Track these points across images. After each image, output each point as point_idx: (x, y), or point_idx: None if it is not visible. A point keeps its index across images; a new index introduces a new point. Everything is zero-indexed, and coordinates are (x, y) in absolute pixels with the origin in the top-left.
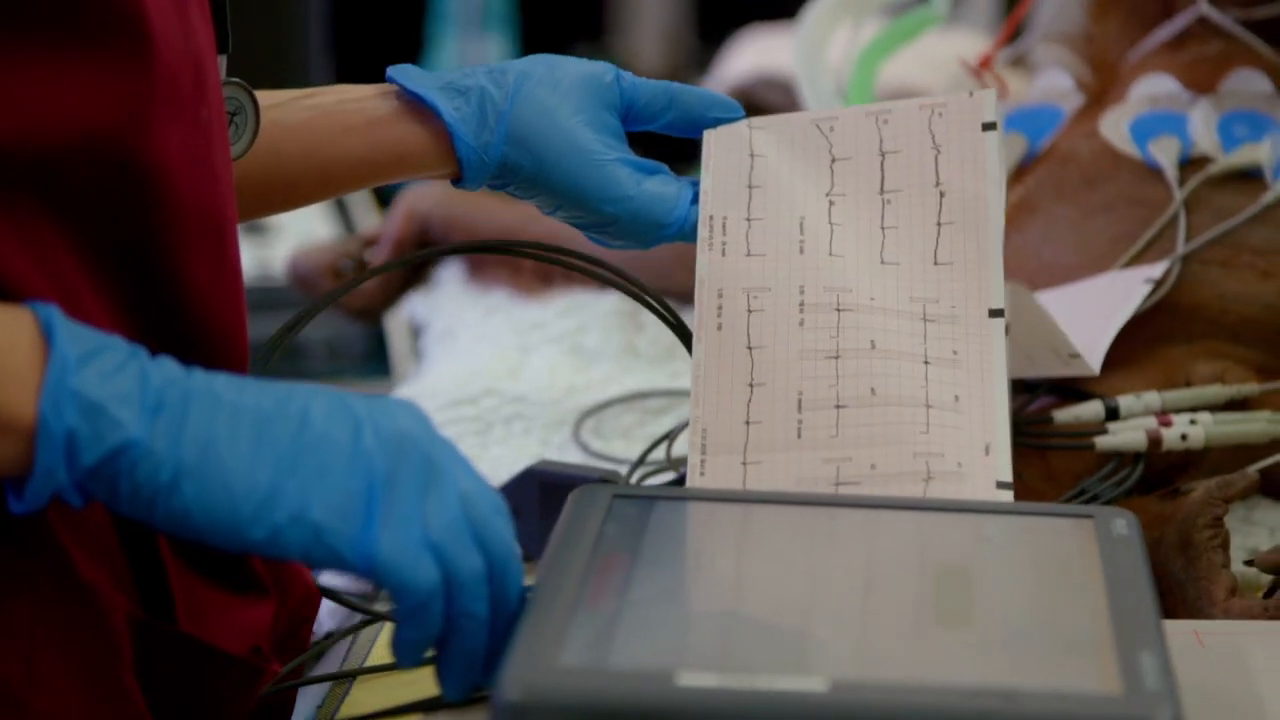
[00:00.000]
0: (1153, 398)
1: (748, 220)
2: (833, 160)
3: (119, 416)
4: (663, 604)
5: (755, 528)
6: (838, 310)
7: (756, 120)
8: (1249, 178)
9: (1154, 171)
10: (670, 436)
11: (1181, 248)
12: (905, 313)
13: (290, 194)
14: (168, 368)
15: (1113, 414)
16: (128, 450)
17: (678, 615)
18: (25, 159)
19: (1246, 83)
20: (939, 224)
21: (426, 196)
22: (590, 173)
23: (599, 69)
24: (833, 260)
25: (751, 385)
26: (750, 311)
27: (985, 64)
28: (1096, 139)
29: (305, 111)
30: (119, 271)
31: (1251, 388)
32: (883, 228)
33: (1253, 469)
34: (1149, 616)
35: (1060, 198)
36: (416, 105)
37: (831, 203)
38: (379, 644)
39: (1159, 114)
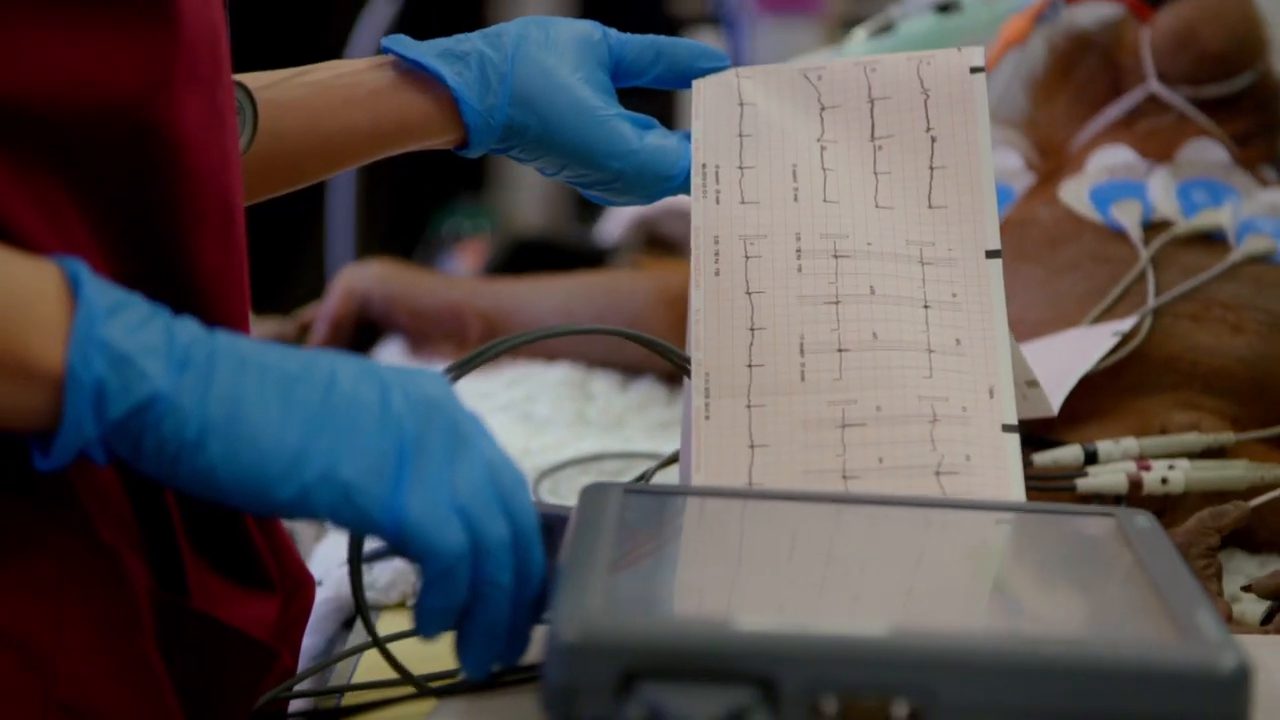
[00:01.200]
0: (1131, 443)
1: (740, 168)
2: (822, 108)
3: (146, 368)
4: (704, 566)
5: (783, 516)
6: (835, 256)
7: (744, 70)
8: (1212, 240)
9: (1117, 233)
10: (645, 476)
11: (1152, 301)
12: (902, 256)
13: (295, 172)
14: (191, 326)
15: (1091, 458)
16: (155, 404)
17: (723, 574)
18: (43, 123)
19: (1203, 152)
20: (931, 168)
21: (365, 276)
22: (595, 129)
23: (587, 27)
24: (828, 206)
25: (752, 329)
26: (748, 258)
27: None
28: (1057, 205)
29: (302, 89)
30: (130, 244)
31: (1228, 437)
32: (875, 173)
33: (1249, 503)
34: (1193, 586)
35: (1024, 258)
36: (416, 74)
37: (823, 148)
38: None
39: (1118, 182)
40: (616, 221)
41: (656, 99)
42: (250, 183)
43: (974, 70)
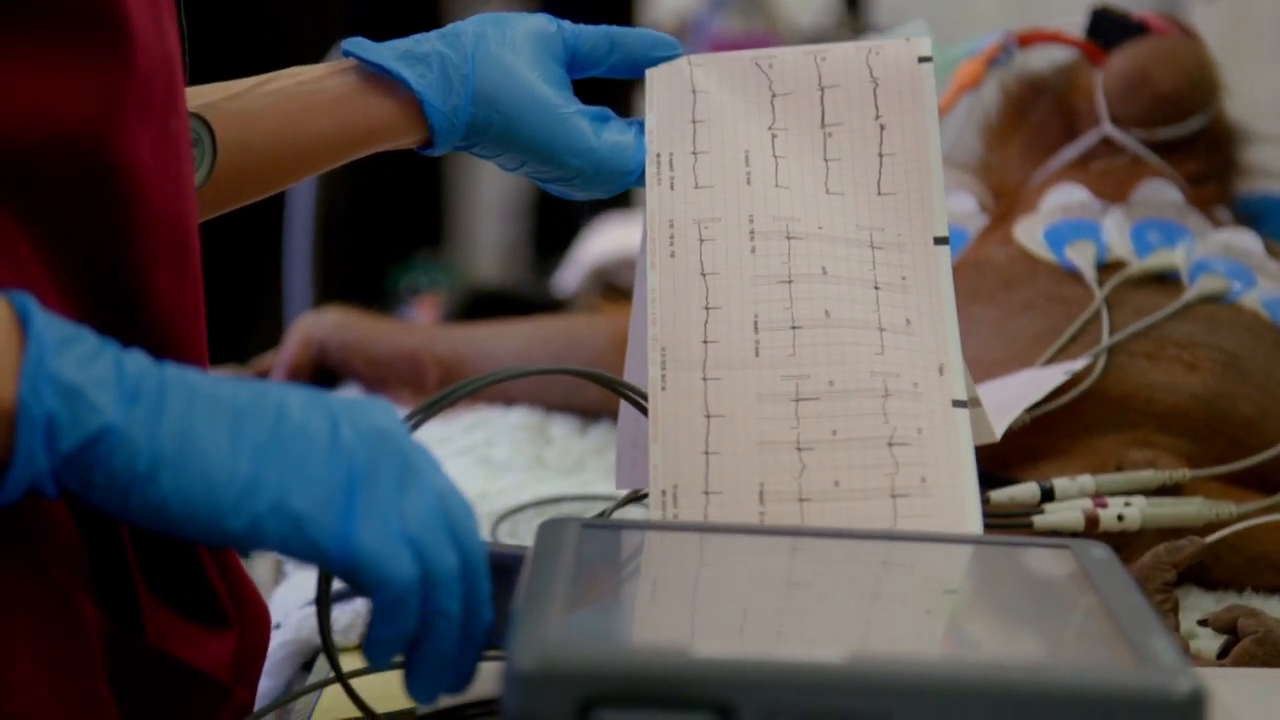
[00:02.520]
0: (1087, 481)
1: (693, 154)
2: (773, 95)
3: (97, 401)
4: (662, 598)
5: (740, 550)
6: (788, 238)
7: (696, 57)
8: (1165, 280)
9: (1071, 274)
10: (605, 514)
11: (1107, 340)
12: (853, 240)
13: (264, 181)
14: (141, 359)
15: (1048, 496)
16: (106, 436)
17: (681, 605)
18: None
19: (1157, 192)
20: (880, 156)
21: (322, 323)
22: (555, 127)
23: (542, 21)
24: (779, 191)
25: (708, 308)
26: (702, 241)
27: None
28: (1012, 245)
29: (267, 98)
30: (84, 275)
31: (1184, 473)
32: (826, 160)
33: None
34: (1149, 614)
35: (979, 299)
36: (379, 77)
37: (774, 136)
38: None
39: (1072, 222)
40: (574, 272)
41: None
42: (220, 194)
43: (922, 59)
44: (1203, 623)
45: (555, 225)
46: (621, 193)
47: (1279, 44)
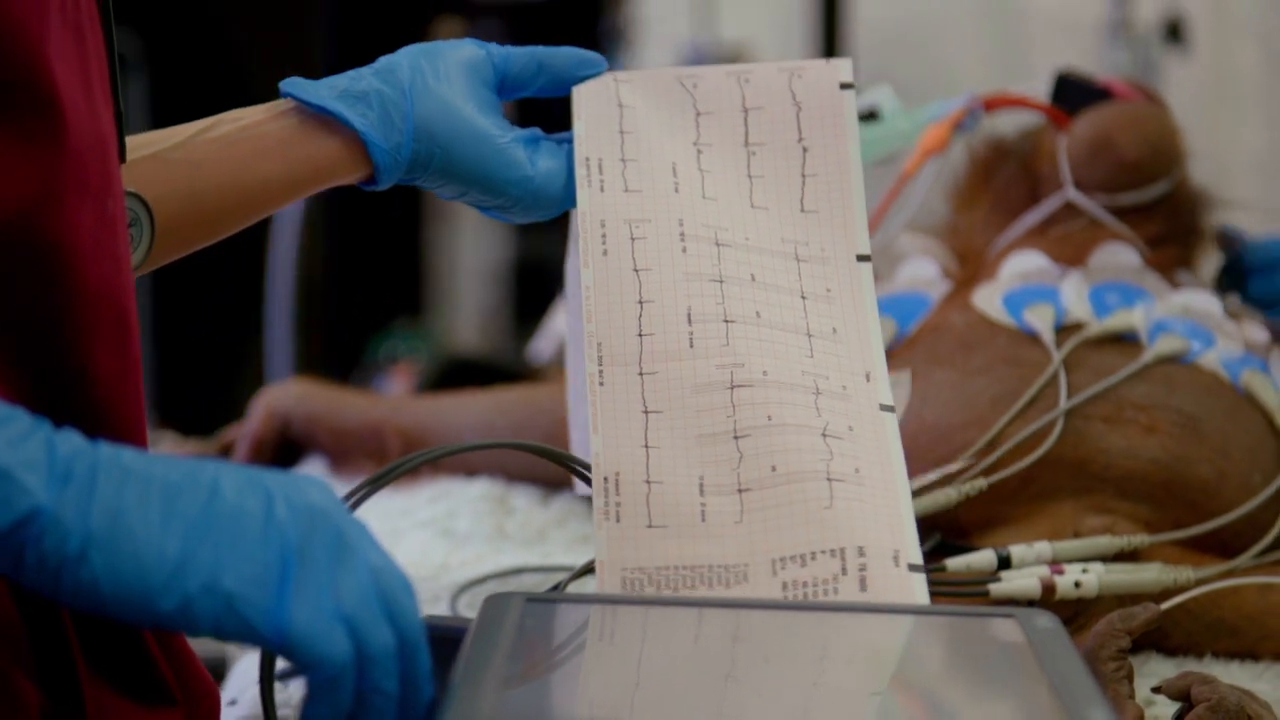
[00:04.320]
0: (1044, 547)
1: (622, 161)
2: (697, 113)
3: (26, 483)
4: (601, 678)
5: (685, 624)
6: (717, 244)
7: (622, 74)
8: (1124, 341)
9: (1030, 337)
10: (560, 586)
11: (1064, 403)
12: (779, 252)
13: (214, 227)
14: (73, 439)
15: (1005, 563)
16: (36, 518)
17: (619, 684)
18: None
19: (1115, 256)
20: (803, 176)
21: (286, 395)
22: (494, 159)
23: (472, 49)
24: (707, 202)
25: (641, 303)
26: (633, 239)
27: None
28: (971, 311)
29: (213, 145)
30: (22, 354)
31: (1141, 539)
32: (749, 176)
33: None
34: (1090, 686)
35: (937, 363)
36: (320, 117)
37: (699, 151)
38: None
39: (1031, 287)
40: (546, 340)
41: None
42: (170, 242)
43: (844, 86)
44: (1156, 690)
45: (535, 293)
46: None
47: (1258, 102)
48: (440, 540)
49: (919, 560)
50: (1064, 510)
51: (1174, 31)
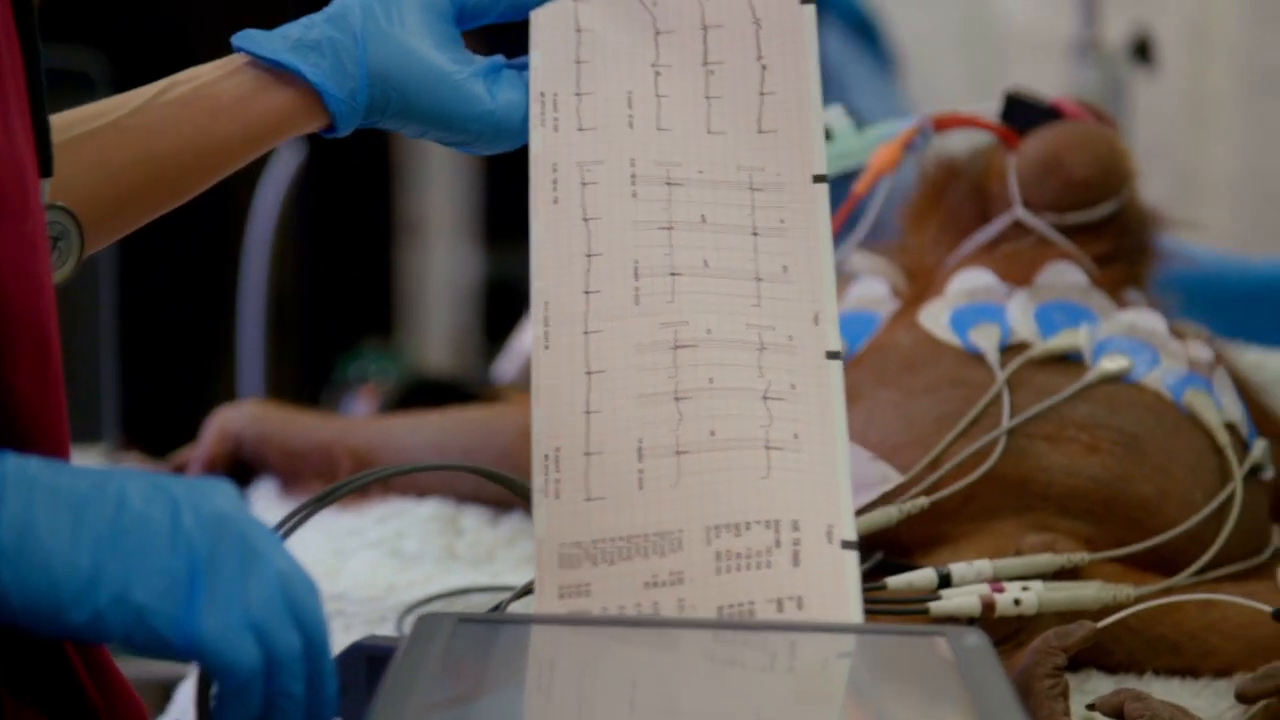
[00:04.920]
0: (984, 565)
1: (577, 95)
2: (656, 33)
3: None
4: (526, 701)
5: (616, 644)
6: (668, 184)
7: None
8: (1068, 360)
9: (975, 356)
10: (500, 607)
11: (1006, 423)
12: (733, 183)
13: (175, 192)
14: None
15: (945, 581)
16: None
17: (544, 710)
18: None
19: (1061, 275)
20: (761, 94)
21: (238, 416)
22: (452, 95)
23: None
24: (661, 134)
25: (589, 255)
26: (584, 184)
27: None
28: (917, 330)
29: (168, 109)
30: None
31: (1081, 556)
32: (708, 97)
33: (1096, 624)
34: (1013, 706)
35: (883, 383)
36: (274, 71)
37: (658, 73)
38: None
39: (977, 306)
40: (511, 360)
41: None
42: (134, 211)
43: (804, 1)
44: (1091, 707)
45: (505, 313)
46: None
47: (1231, 121)
48: (389, 560)
49: (852, 536)
50: (1006, 528)
51: (1142, 50)
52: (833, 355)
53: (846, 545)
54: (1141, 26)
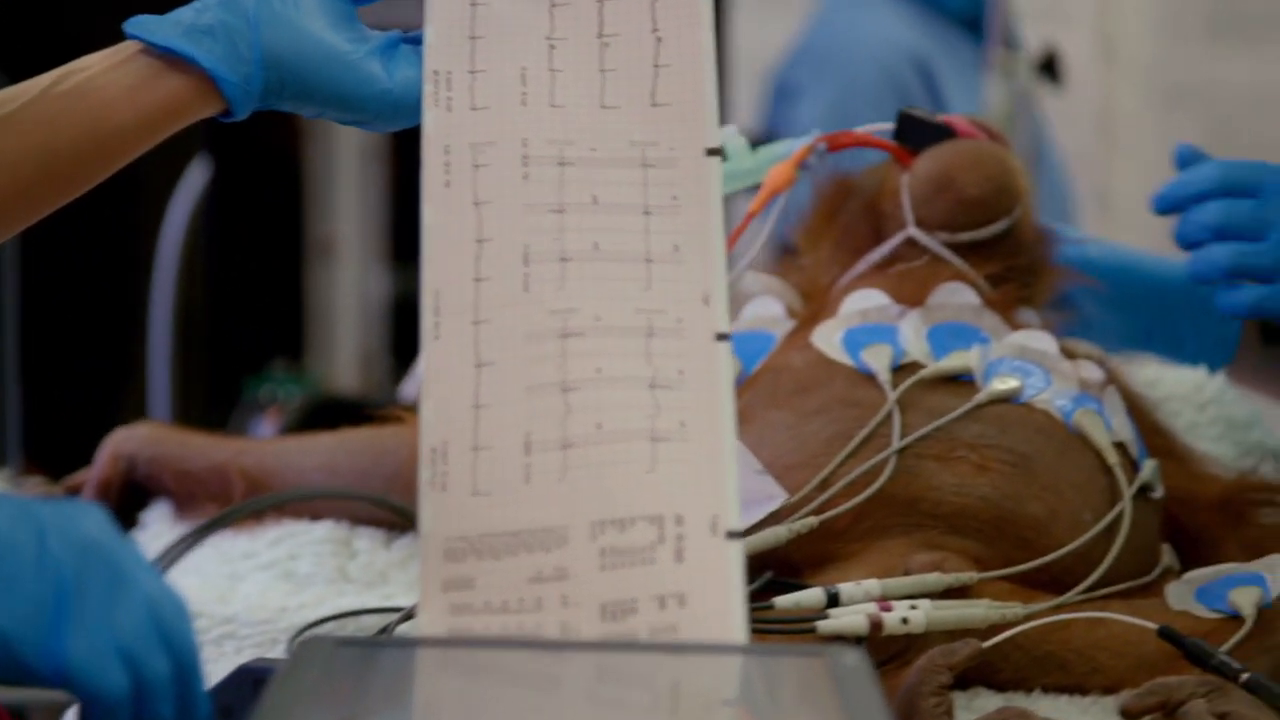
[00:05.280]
0: (873, 585)
1: (471, 73)
2: (552, 5)
3: None
4: None
5: (496, 668)
6: (560, 165)
7: None
8: (959, 381)
9: (867, 377)
10: (388, 629)
11: (896, 443)
12: (626, 160)
13: (73, 183)
14: None
15: (833, 601)
16: None
17: None
18: None
19: (953, 295)
20: (656, 66)
21: (131, 438)
22: (348, 76)
23: None
24: (554, 111)
25: (480, 241)
26: (476, 167)
27: None
28: (810, 351)
29: (62, 101)
30: None
31: (970, 576)
32: (602, 70)
33: (982, 642)
34: None
35: (775, 404)
36: (167, 58)
37: (552, 46)
38: None
39: (870, 326)
40: (417, 381)
41: None
42: (32, 203)
43: None
44: None
45: (413, 333)
46: None
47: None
48: (282, 583)
49: (737, 526)
50: (895, 547)
51: (1049, 67)
52: (721, 337)
53: (731, 535)
54: (1049, 43)
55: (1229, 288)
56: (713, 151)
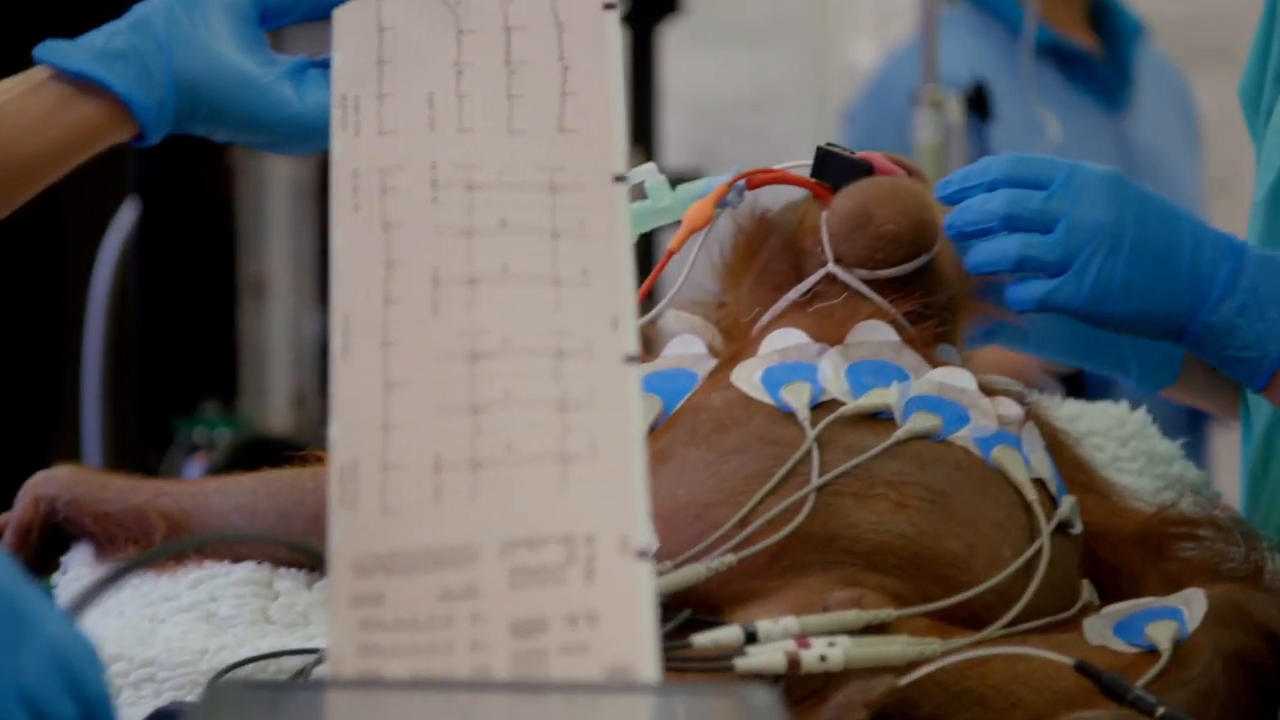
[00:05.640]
0: (790, 622)
1: (379, 97)
2: (459, 32)
3: None
4: None
5: (393, 716)
6: (469, 189)
7: None
8: (879, 418)
9: (786, 415)
10: (304, 672)
11: (815, 480)
12: (533, 184)
13: None
14: None
15: (752, 638)
16: None
17: None
18: None
19: (872, 333)
20: (563, 93)
21: (52, 481)
22: (260, 100)
23: None
24: (462, 135)
25: (389, 264)
26: (385, 191)
27: None
28: (730, 389)
29: None
30: None
31: (888, 613)
32: (509, 96)
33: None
34: None
35: (694, 443)
36: (79, 83)
37: (460, 72)
38: None
39: (789, 364)
40: None
41: None
42: None
43: (607, 6)
44: None
45: None
46: None
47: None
48: (201, 625)
49: (646, 544)
50: (814, 585)
51: (978, 102)
52: (630, 359)
53: (641, 555)
54: (978, 77)
55: (1017, 281)
56: (620, 178)
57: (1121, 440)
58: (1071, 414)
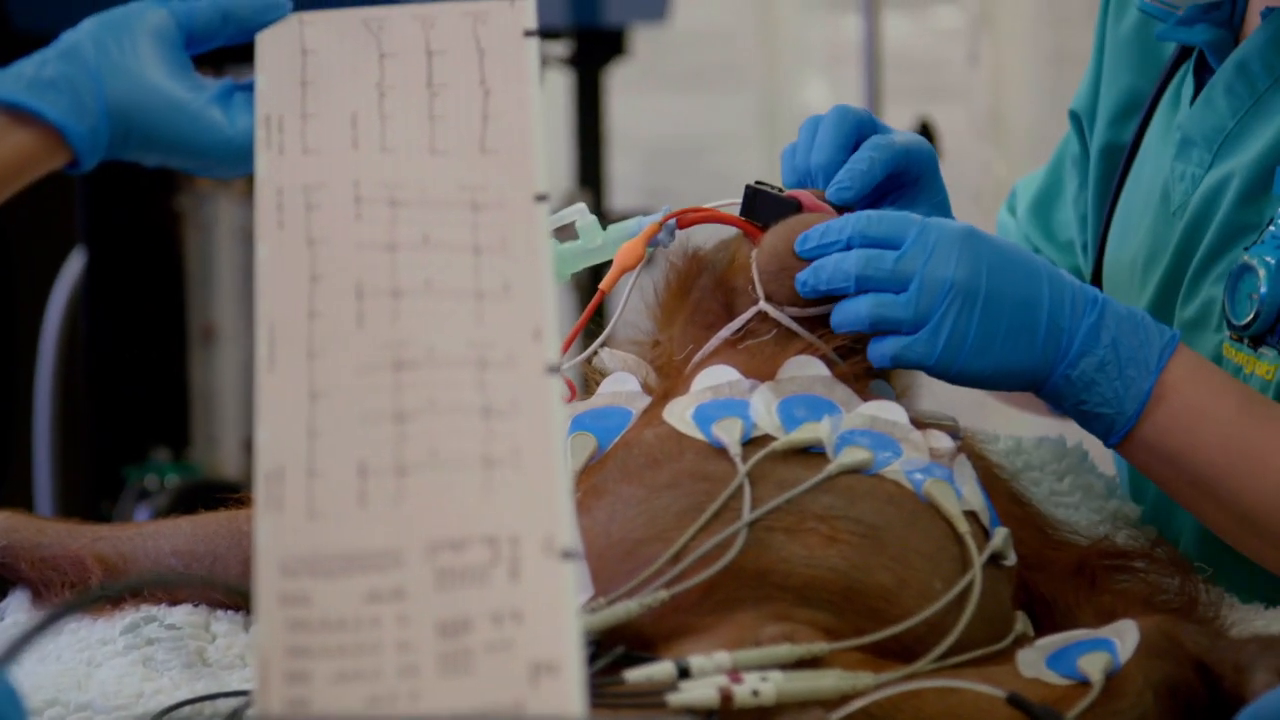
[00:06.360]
0: (723, 657)
1: (302, 116)
2: (381, 55)
3: None
4: None
5: None
6: (392, 205)
7: (307, 15)
8: (810, 453)
9: (718, 450)
10: (237, 714)
11: (747, 515)
12: (456, 202)
13: None
14: None
15: (685, 673)
16: None
17: None
18: None
19: (803, 368)
20: (485, 117)
21: None
22: (191, 123)
23: (155, 15)
24: (385, 155)
25: (313, 278)
26: (309, 208)
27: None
28: (662, 426)
29: None
30: None
31: (821, 647)
32: (431, 118)
33: (831, 713)
34: None
35: (626, 479)
36: (12, 112)
37: (382, 94)
38: None
39: (721, 401)
40: None
41: None
42: None
43: (527, 34)
44: None
45: None
46: None
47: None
48: (138, 668)
49: (570, 546)
50: (746, 620)
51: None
52: (552, 370)
53: (566, 555)
54: (923, 115)
55: (876, 338)
56: (541, 197)
57: (1058, 474)
58: (1009, 448)
